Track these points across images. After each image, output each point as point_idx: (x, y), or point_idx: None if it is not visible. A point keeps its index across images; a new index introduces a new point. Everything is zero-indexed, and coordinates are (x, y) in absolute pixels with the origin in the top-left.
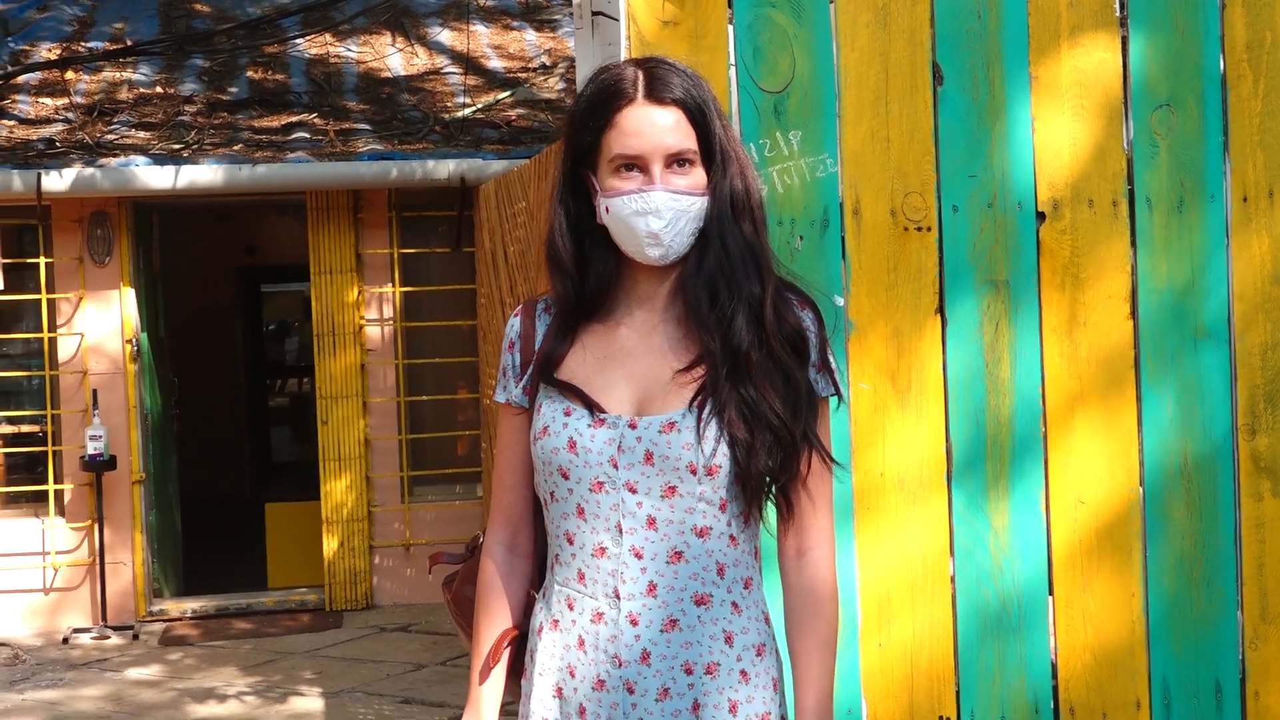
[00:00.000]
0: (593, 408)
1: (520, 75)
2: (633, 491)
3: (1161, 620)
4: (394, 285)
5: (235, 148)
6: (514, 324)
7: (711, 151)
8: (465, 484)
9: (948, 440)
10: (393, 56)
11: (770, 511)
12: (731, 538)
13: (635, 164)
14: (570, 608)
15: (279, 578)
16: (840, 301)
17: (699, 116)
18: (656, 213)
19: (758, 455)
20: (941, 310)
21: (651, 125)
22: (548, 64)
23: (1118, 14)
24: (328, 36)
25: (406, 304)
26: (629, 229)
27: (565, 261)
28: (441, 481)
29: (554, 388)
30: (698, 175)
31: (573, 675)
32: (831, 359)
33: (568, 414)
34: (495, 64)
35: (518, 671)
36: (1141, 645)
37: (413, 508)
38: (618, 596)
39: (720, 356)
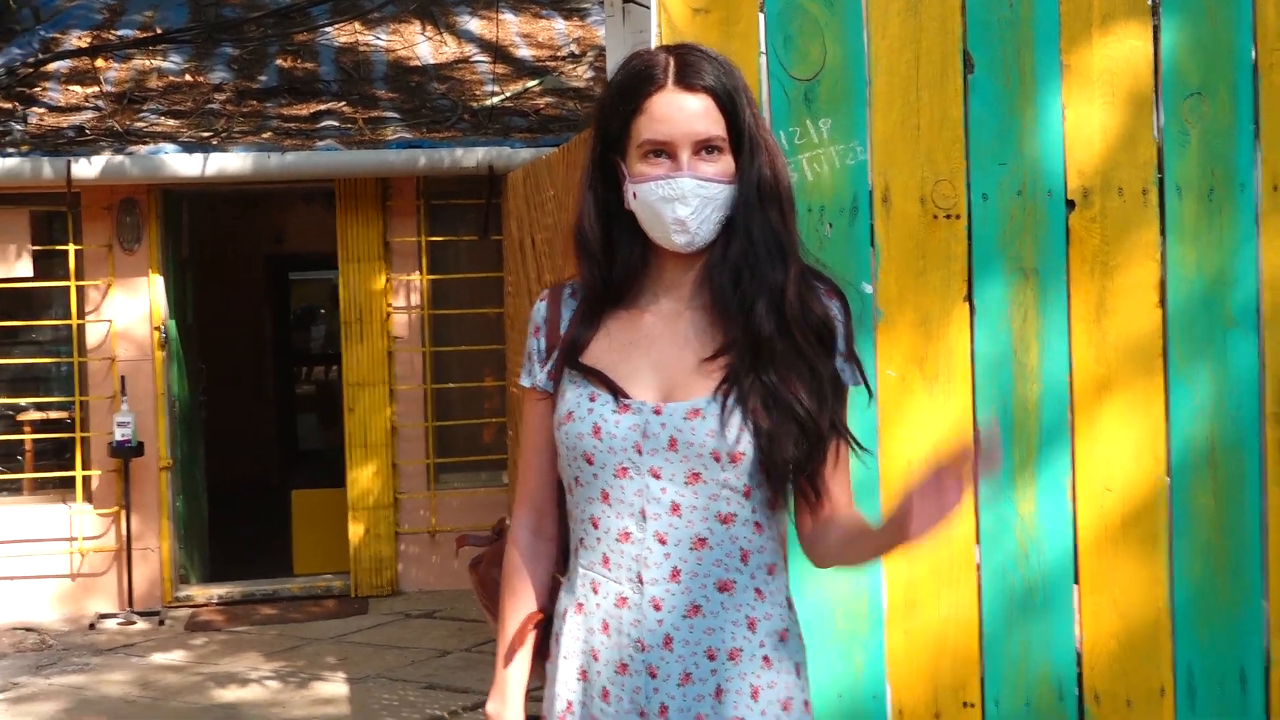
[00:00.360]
0: (617, 393)
1: (549, 64)
2: (657, 478)
3: (1187, 607)
4: (421, 273)
5: (264, 135)
6: (539, 309)
7: (741, 139)
8: (491, 471)
9: (975, 426)
10: (421, 45)
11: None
12: (756, 524)
13: (664, 150)
14: (595, 591)
15: (305, 564)
16: (869, 289)
17: (729, 104)
18: (683, 199)
19: (782, 444)
20: (970, 298)
21: (681, 111)
22: (576, 53)
23: (1149, 2)
24: (357, 25)
25: (434, 292)
26: (656, 215)
27: (593, 247)
28: (467, 469)
29: (579, 373)
30: (726, 163)
31: (596, 659)
32: (857, 351)
33: (592, 400)
34: (524, 52)
35: (543, 655)
36: (1166, 632)
37: (438, 495)
38: (641, 581)
39: (744, 344)
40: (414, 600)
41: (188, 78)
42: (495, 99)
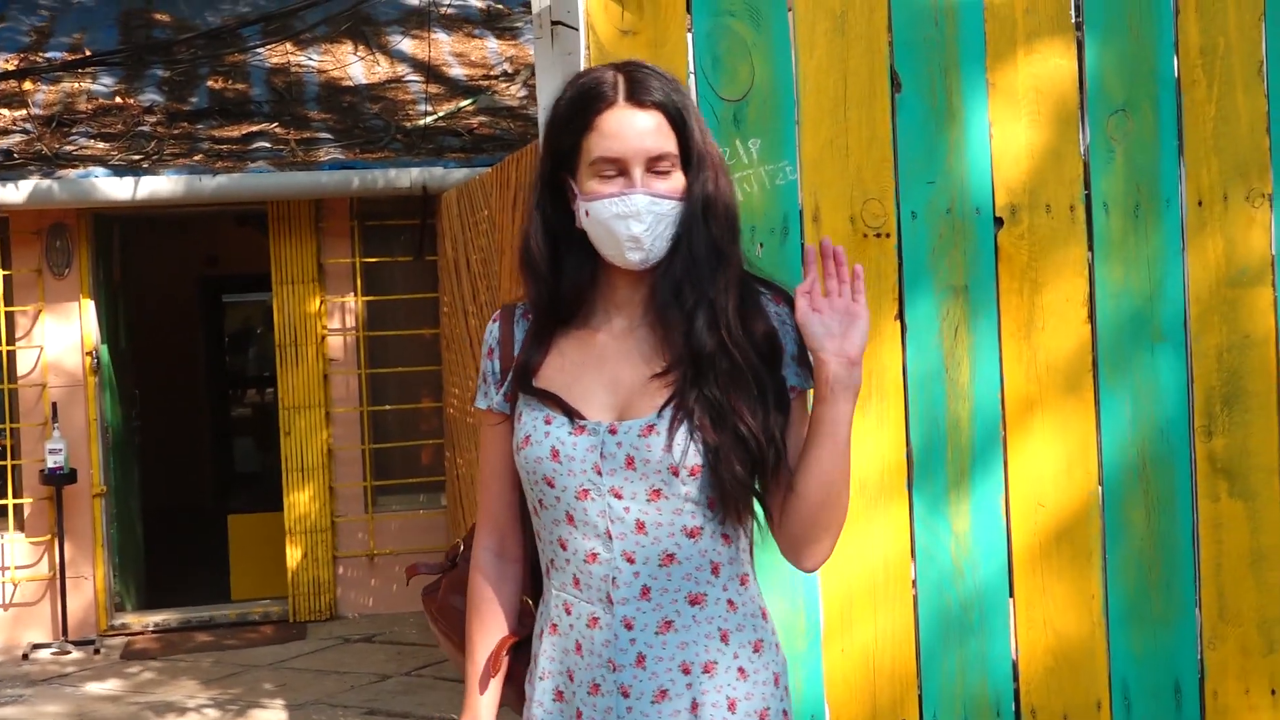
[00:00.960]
0: (572, 415)
1: (482, 83)
2: (619, 497)
3: (1121, 621)
4: (356, 294)
5: (196, 158)
6: (492, 329)
7: (689, 156)
8: (429, 493)
9: (908, 444)
10: (354, 65)
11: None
12: (724, 536)
13: (615, 166)
14: (568, 612)
15: (242, 589)
16: None
17: (679, 120)
18: (637, 215)
19: (728, 460)
20: (901, 315)
21: (632, 128)
22: (509, 72)
23: (1073, 20)
24: (288, 45)
25: (369, 313)
26: (609, 232)
27: (540, 266)
28: (405, 491)
29: (533, 396)
30: (677, 179)
31: (571, 679)
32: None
33: (548, 422)
34: (457, 72)
35: (514, 678)
36: (1101, 646)
37: (377, 517)
38: (611, 601)
39: (688, 360)
40: (353, 625)
41: (118, 100)
42: (428, 119)
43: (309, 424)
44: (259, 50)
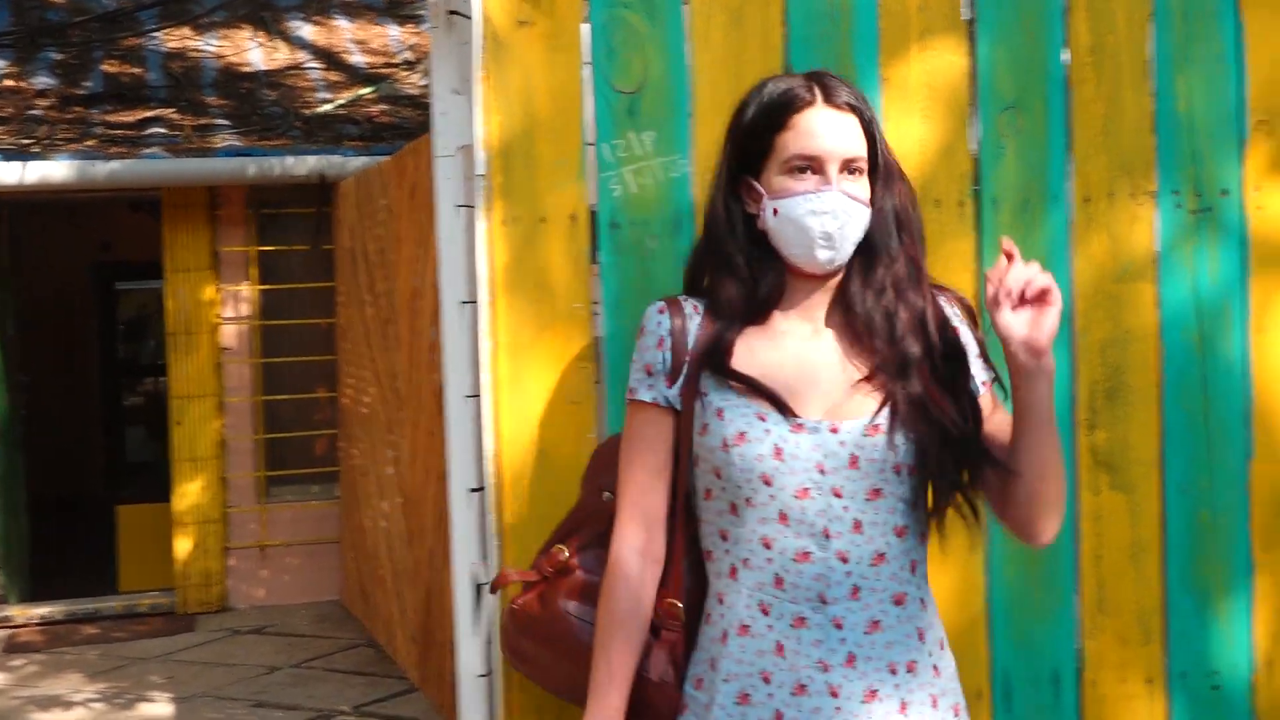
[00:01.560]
0: (787, 412)
1: (383, 71)
2: (839, 496)
3: (1002, 612)
4: (251, 283)
5: (89, 143)
6: (662, 320)
7: (876, 164)
8: (323, 484)
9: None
10: (253, 51)
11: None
12: (921, 535)
13: (810, 165)
14: (765, 613)
15: (131, 581)
16: None
17: (870, 128)
18: (832, 213)
19: (942, 459)
20: None
21: (832, 128)
22: (411, 60)
23: (966, 17)
24: (186, 30)
25: (265, 302)
26: (801, 229)
27: (740, 266)
28: (299, 481)
29: (742, 387)
30: (865, 185)
31: (767, 681)
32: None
33: (762, 419)
34: (358, 59)
35: (650, 685)
36: (983, 637)
37: (269, 508)
38: (823, 601)
39: (894, 365)
40: (243, 616)
41: (9, 83)
42: (327, 106)
43: (201, 413)
44: (156, 34)
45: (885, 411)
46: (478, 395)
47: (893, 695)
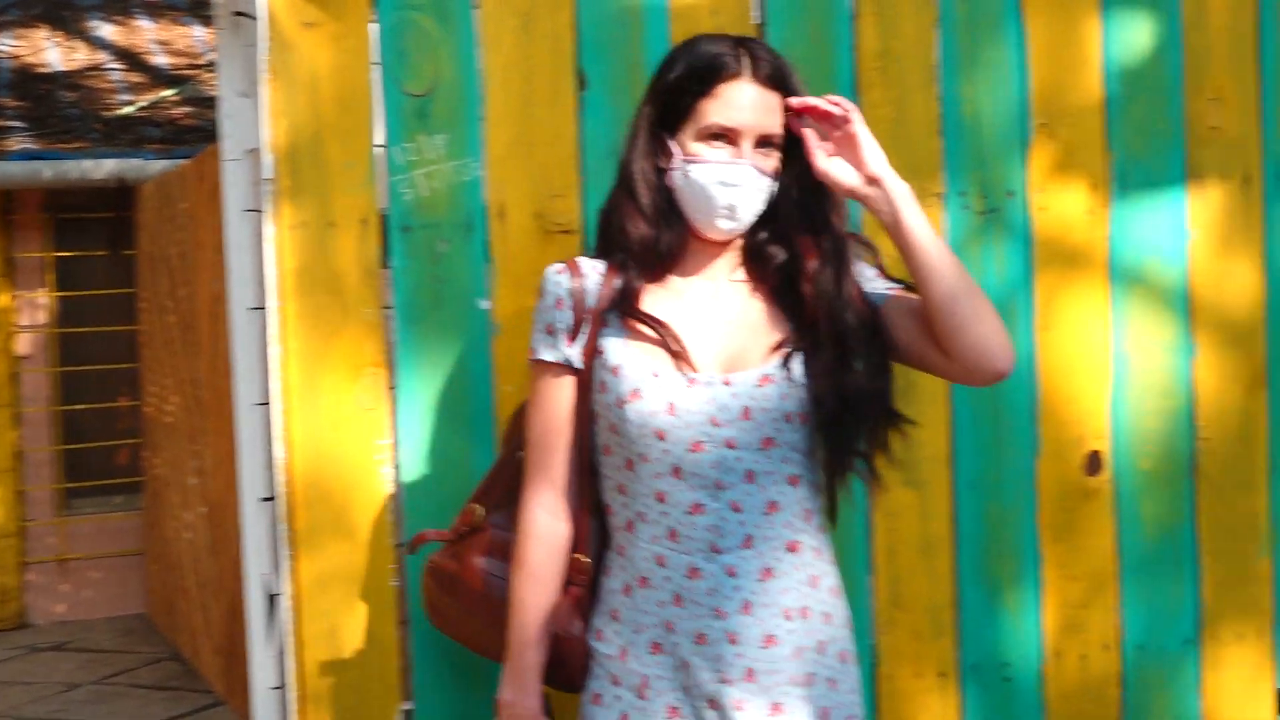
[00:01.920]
0: (682, 363)
1: (187, 72)
2: (731, 448)
3: None
4: (48, 290)
5: None
6: (560, 280)
7: (789, 138)
8: (127, 494)
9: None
10: (50, 51)
11: None
12: (814, 485)
13: (726, 136)
14: (661, 565)
15: None
16: (486, 305)
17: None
18: (740, 186)
19: (836, 409)
20: None
21: (753, 103)
22: (216, 61)
23: (754, 22)
24: None
25: (64, 309)
26: (707, 198)
27: (650, 213)
28: (101, 493)
29: (643, 338)
30: (776, 160)
31: (671, 630)
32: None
33: (656, 376)
34: (161, 60)
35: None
36: None
37: (69, 521)
38: (716, 551)
39: (792, 317)
40: (43, 632)
41: None
42: (129, 108)
43: None
44: None
45: (777, 361)
46: (268, 403)
47: (786, 640)
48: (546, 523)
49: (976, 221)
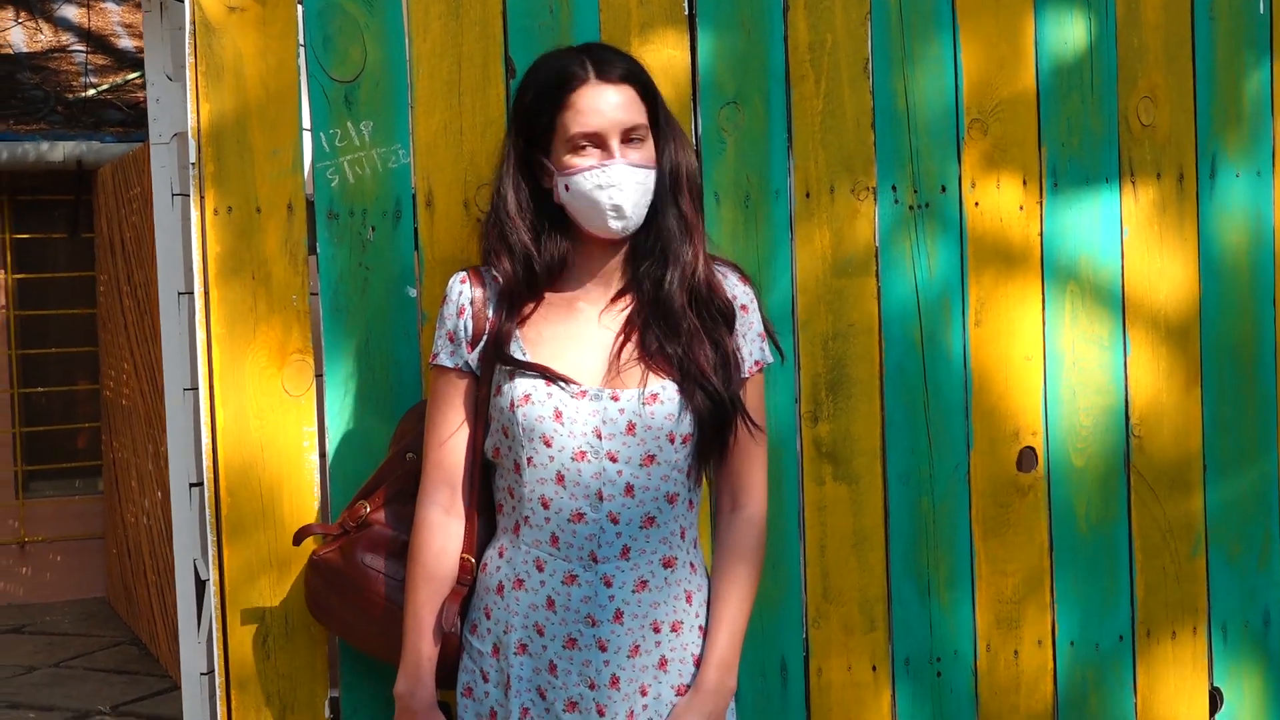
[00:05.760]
0: (567, 382)
1: None
2: (614, 461)
3: None
4: (6, 272)
5: None
6: (463, 290)
7: (658, 126)
8: (86, 478)
9: None
10: (13, 32)
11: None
12: (690, 502)
13: (592, 140)
14: (539, 569)
15: None
16: (414, 292)
17: (646, 93)
18: (618, 185)
19: (713, 425)
20: None
21: (606, 103)
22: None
23: (686, 12)
24: None
25: (23, 292)
26: (592, 203)
27: (522, 240)
28: (60, 476)
29: (523, 369)
30: (649, 149)
31: (540, 633)
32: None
33: (549, 383)
34: (126, 43)
35: (448, 636)
36: None
37: (29, 503)
38: (594, 560)
39: (662, 322)
40: (2, 615)
41: None
42: (91, 91)
43: None
44: None
45: (663, 381)
46: (196, 388)
47: (654, 651)
48: (442, 521)
49: (908, 216)
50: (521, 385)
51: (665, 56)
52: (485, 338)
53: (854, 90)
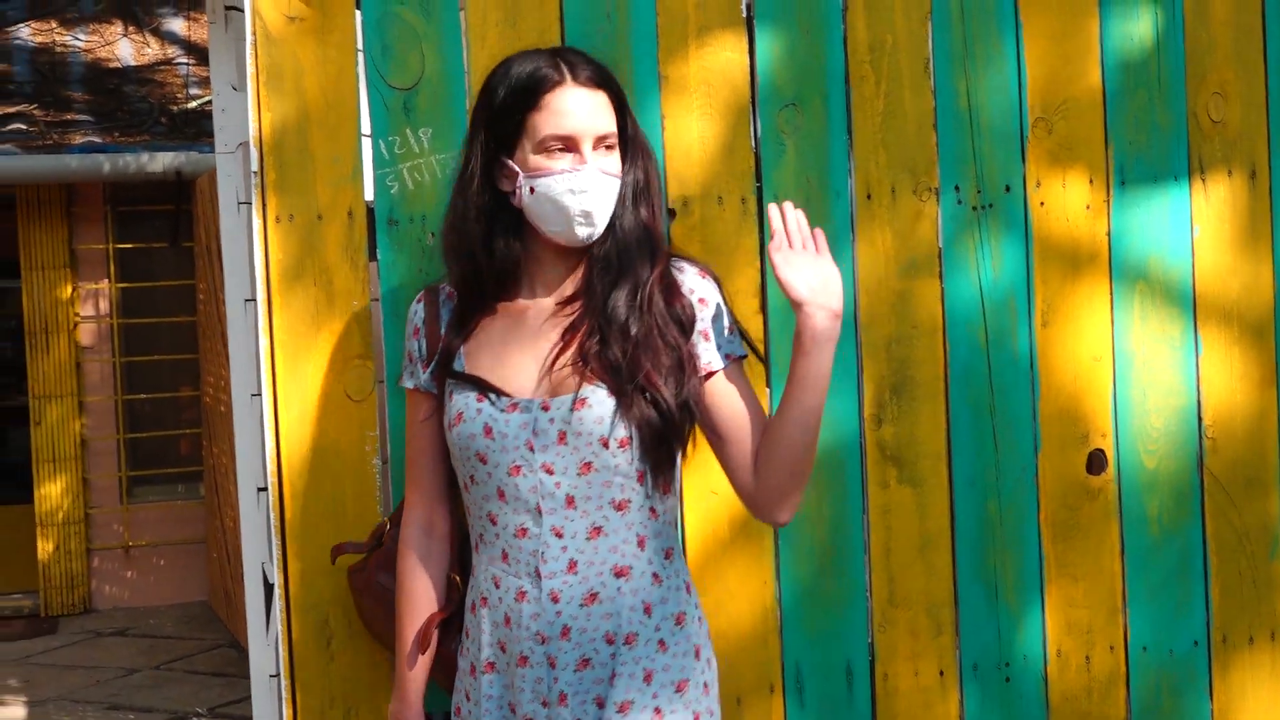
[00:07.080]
0: (501, 394)
1: None
2: (550, 473)
3: (794, 606)
4: (110, 281)
5: None
6: (417, 310)
7: (626, 137)
8: (188, 483)
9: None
10: (122, 45)
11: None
12: (652, 509)
13: (564, 144)
14: (496, 586)
15: None
16: None
17: (620, 103)
18: (589, 191)
19: (653, 429)
20: None
21: (582, 106)
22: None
23: (744, 15)
24: (54, 24)
25: (126, 300)
26: (559, 208)
27: (473, 246)
28: (163, 481)
29: (458, 381)
30: (617, 159)
31: (504, 651)
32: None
33: (480, 400)
34: None
35: (443, 655)
36: (774, 631)
37: (132, 509)
38: (539, 575)
39: (612, 334)
40: (107, 618)
41: None
42: (194, 103)
43: (61, 413)
44: (22, 28)
45: (592, 386)
46: (261, 394)
47: (606, 665)
48: (421, 542)
49: (972, 216)
50: (456, 404)
51: (724, 59)
52: (436, 356)
53: (915, 90)
